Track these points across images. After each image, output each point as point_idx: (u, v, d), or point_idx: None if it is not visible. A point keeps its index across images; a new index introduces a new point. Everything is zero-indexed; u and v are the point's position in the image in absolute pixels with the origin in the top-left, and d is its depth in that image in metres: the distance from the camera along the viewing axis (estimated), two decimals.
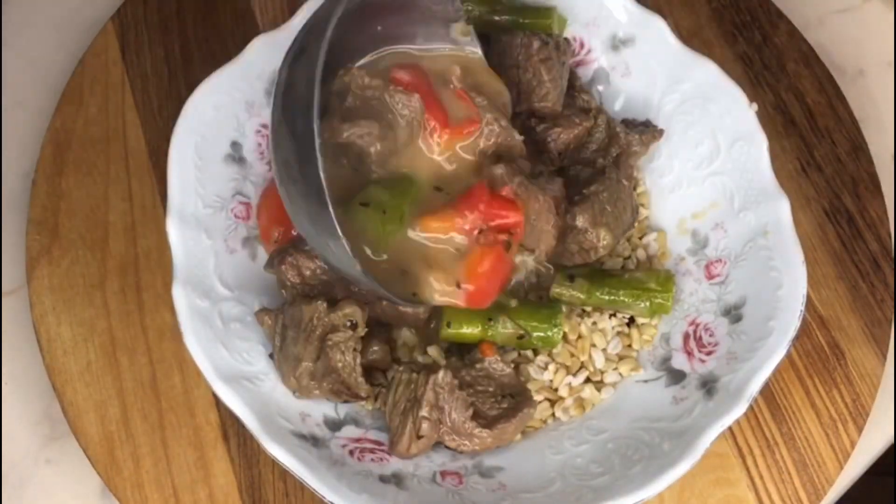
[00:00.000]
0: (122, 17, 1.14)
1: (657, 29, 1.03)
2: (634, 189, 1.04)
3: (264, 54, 1.01)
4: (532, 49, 1.00)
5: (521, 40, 1.01)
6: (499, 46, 1.03)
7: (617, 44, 1.06)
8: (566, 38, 1.04)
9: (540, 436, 0.98)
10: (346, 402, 0.95)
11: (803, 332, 1.03)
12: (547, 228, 0.95)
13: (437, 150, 0.93)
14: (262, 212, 1.01)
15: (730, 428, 0.91)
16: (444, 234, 0.91)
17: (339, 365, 0.92)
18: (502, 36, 1.03)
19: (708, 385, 0.94)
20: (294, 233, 0.98)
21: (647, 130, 1.03)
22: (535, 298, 1.01)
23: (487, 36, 1.03)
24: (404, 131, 0.92)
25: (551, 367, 0.99)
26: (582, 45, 1.08)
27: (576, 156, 1.03)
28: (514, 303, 0.98)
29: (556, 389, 0.99)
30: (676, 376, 0.97)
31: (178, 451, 0.98)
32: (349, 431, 0.95)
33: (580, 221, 0.95)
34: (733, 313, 0.97)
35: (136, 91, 1.11)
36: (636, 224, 1.03)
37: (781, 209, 0.96)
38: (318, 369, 0.92)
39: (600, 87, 1.08)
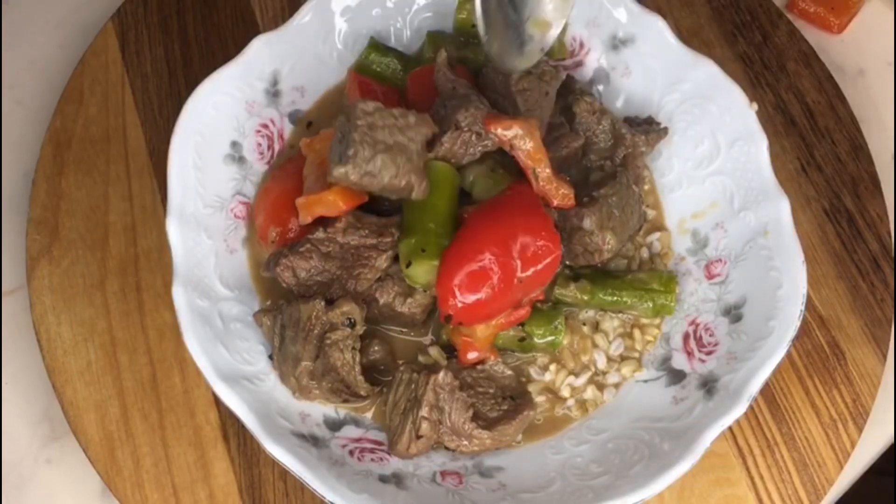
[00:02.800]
0: (122, 17, 1.14)
1: (657, 29, 1.03)
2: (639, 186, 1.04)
3: (264, 54, 1.02)
4: (511, 79, 0.98)
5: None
6: (484, 78, 1.02)
7: (617, 44, 1.06)
8: (554, 66, 1.02)
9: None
10: (345, 402, 0.95)
11: (803, 332, 1.03)
12: None
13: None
14: (259, 212, 1.01)
15: (730, 428, 0.91)
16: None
17: (339, 363, 0.92)
18: (487, 66, 1.02)
19: (708, 385, 0.94)
20: (290, 234, 0.98)
21: (652, 130, 1.03)
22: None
23: (477, 70, 1.04)
24: None
25: (552, 367, 0.99)
26: (582, 45, 1.08)
27: (582, 161, 1.03)
28: None
29: (557, 390, 0.99)
30: (676, 376, 0.97)
31: (178, 451, 0.98)
32: (349, 431, 0.95)
33: (587, 223, 0.95)
34: (733, 313, 0.97)
35: (136, 91, 1.11)
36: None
37: (781, 209, 0.96)
38: (318, 368, 0.92)
39: (600, 87, 1.08)
